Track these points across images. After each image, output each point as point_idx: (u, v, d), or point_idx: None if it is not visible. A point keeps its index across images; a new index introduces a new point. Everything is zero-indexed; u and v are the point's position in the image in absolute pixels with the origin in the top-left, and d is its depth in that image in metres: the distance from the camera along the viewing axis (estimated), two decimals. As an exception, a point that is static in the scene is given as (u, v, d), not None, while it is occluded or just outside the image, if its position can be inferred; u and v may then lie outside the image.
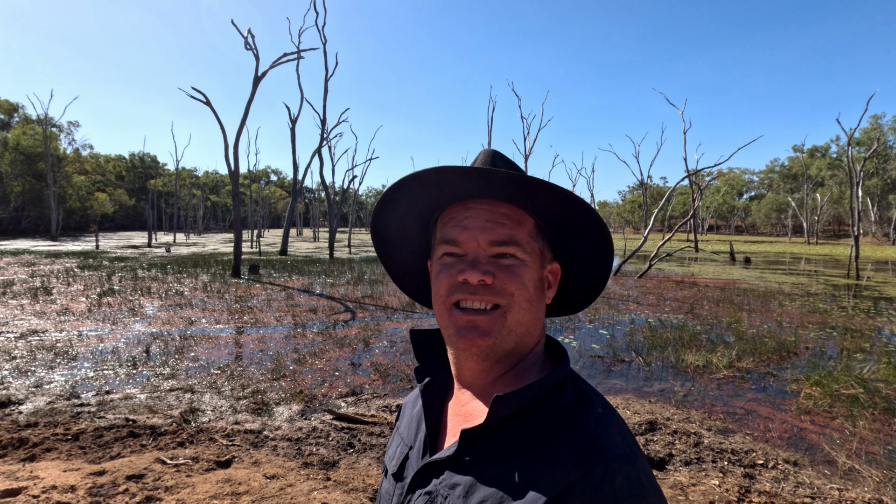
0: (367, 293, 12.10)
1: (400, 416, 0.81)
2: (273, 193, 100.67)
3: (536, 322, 0.64)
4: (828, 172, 69.51)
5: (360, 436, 3.84)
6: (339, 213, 28.90)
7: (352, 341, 7.13)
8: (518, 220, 0.63)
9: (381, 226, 0.74)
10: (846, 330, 8.40)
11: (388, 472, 0.73)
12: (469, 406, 0.65)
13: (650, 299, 11.82)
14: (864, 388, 5.11)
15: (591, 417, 0.55)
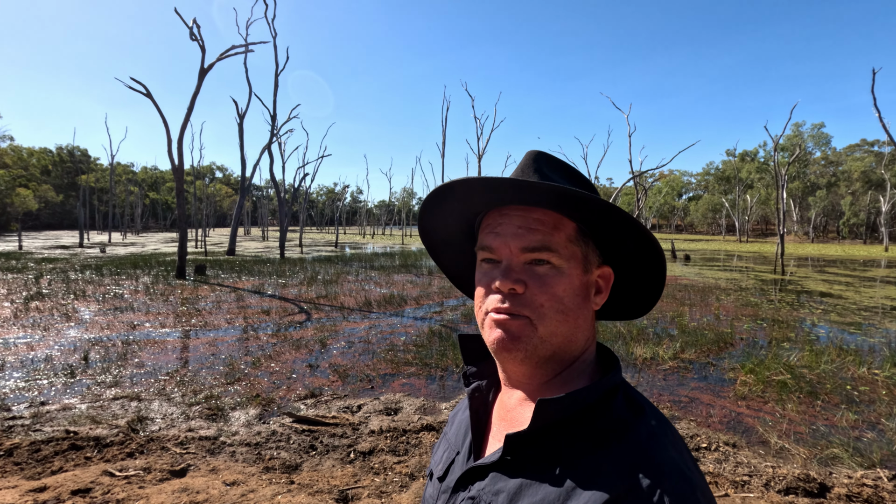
0: (321, 293, 11.88)
1: (449, 421, 0.80)
2: (219, 191, 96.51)
3: (577, 331, 0.61)
4: (756, 175, 74.84)
5: (322, 437, 3.79)
6: (289, 212, 28.12)
7: (308, 342, 6.99)
8: (554, 225, 0.60)
9: (425, 232, 0.76)
10: (774, 321, 9.11)
11: (433, 476, 0.73)
12: (515, 411, 0.65)
13: (600, 296, 12.32)
14: (791, 374, 5.57)
15: (644, 429, 0.53)
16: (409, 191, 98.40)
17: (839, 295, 13.26)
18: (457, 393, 5.00)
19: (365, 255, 26.62)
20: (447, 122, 32.80)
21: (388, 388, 5.14)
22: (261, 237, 57.97)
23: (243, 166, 26.64)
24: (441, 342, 7.01)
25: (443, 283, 14.12)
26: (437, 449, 0.78)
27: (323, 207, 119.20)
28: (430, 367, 5.85)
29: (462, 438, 0.70)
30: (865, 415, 4.54)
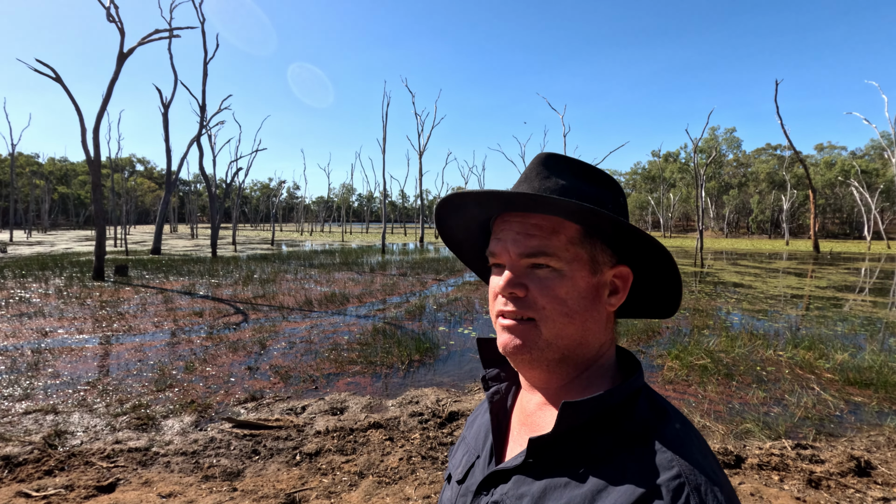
0: (258, 293, 11.41)
1: (468, 424, 0.80)
2: (140, 185, 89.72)
3: (587, 333, 0.61)
4: (678, 175, 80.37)
5: (265, 441, 3.66)
6: (221, 208, 26.69)
7: (246, 344, 6.71)
8: (552, 230, 0.60)
9: (446, 238, 0.77)
10: (695, 310, 9.87)
11: (451, 480, 0.72)
12: (535, 415, 0.64)
13: (539, 290, 12.75)
14: (710, 358, 6.08)
15: (668, 432, 0.53)
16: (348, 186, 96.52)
17: (749, 285, 14.59)
18: (402, 390, 5.00)
19: (303, 253, 25.85)
20: (388, 118, 32.47)
21: (332, 387, 5.06)
22: (189, 235, 54.61)
23: (168, 159, 24.96)
24: (385, 340, 6.97)
25: (385, 281, 14.02)
26: (454, 452, 0.77)
27: (257, 203, 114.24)
28: (376, 366, 5.81)
29: (482, 442, 0.69)
30: (772, 392, 5.04)
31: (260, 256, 23.08)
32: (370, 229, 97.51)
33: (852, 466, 3.32)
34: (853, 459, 3.40)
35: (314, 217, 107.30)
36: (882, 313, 9.98)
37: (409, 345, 6.57)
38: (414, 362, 6.00)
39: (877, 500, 2.96)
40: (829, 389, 5.10)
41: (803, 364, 5.97)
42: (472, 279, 14.89)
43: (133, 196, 67.33)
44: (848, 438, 3.95)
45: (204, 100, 24.02)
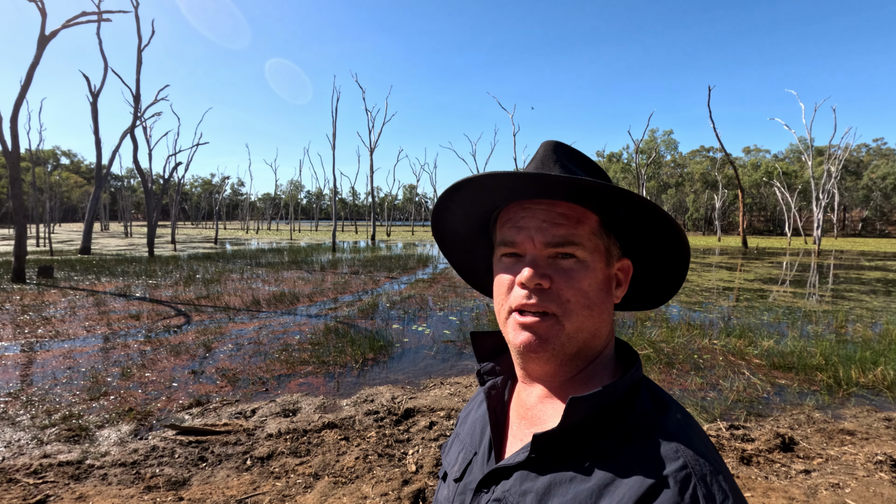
0: (201, 294, 10.88)
1: (460, 420, 0.78)
2: (66, 180, 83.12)
3: (601, 325, 0.60)
4: (621, 175, 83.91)
5: (212, 447, 3.51)
6: (159, 205, 25.22)
7: (189, 347, 6.38)
8: (578, 219, 0.59)
9: (438, 228, 0.74)
10: (638, 303, 10.36)
11: (447, 478, 0.70)
12: (536, 409, 0.63)
13: (491, 286, 12.94)
14: (653, 348, 6.41)
15: (671, 423, 0.53)
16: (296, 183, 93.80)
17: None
18: (357, 389, 4.94)
19: (249, 252, 24.90)
20: (337, 114, 31.82)
21: (284, 389, 4.91)
22: (123, 233, 51.25)
23: (98, 152, 23.29)
24: (338, 339, 6.85)
25: (337, 279, 13.77)
26: (448, 449, 0.76)
27: (198, 200, 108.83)
28: (329, 365, 5.70)
29: (479, 438, 0.68)
30: (709, 378, 5.39)
31: (202, 255, 22.01)
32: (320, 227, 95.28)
33: (778, 443, 3.61)
34: (779, 437, 3.69)
35: (260, 215, 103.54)
36: (801, 303, 10.89)
37: (363, 343, 6.50)
38: (368, 361, 5.93)
39: (799, 472, 3.23)
40: (757, 374, 5.51)
41: (735, 351, 6.41)
42: (424, 277, 14.90)
43: (58, 192, 62.24)
44: (774, 418, 4.29)
45: (138, 89, 22.57)
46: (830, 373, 5.37)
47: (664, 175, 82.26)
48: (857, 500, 2.89)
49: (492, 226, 0.68)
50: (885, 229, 72.68)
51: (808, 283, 14.91)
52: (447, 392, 4.75)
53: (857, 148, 71.66)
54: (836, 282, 15.25)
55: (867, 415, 4.38)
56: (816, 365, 5.62)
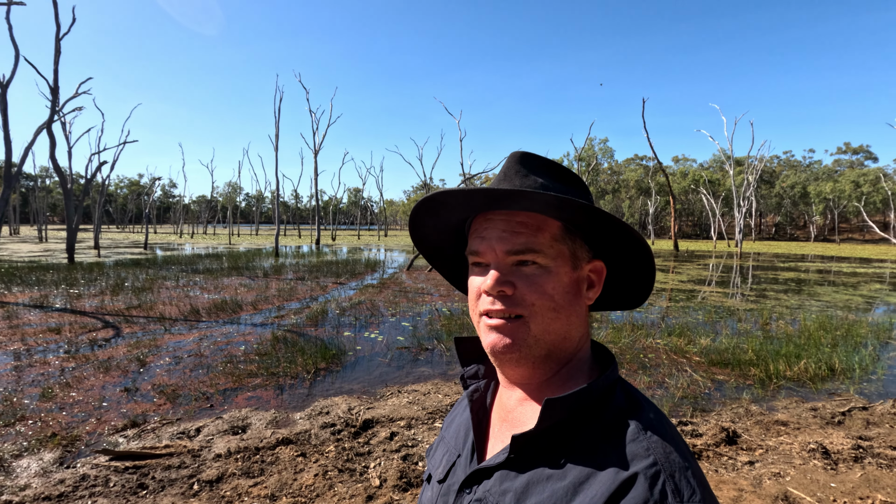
0: (132, 303, 10.09)
1: (445, 424, 0.81)
2: (-34, 178, 74.90)
3: (571, 328, 0.62)
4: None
5: (153, 473, 3.21)
6: (80, 207, 23.21)
7: (121, 362, 5.87)
8: (537, 227, 0.61)
9: (419, 241, 0.77)
10: (584, 305, 10.71)
11: (431, 480, 0.73)
12: (516, 411, 0.65)
13: (442, 290, 12.93)
14: (602, 349, 6.62)
15: (644, 422, 0.55)
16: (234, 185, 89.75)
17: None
18: (310, 401, 4.73)
19: (185, 257, 23.45)
20: (280, 114, 30.73)
21: (231, 404, 4.62)
22: (37, 237, 46.74)
23: (8, 149, 21.04)
24: (287, 348, 6.56)
25: (282, 286, 13.24)
26: (433, 452, 0.78)
27: (125, 202, 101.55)
28: (279, 377, 5.43)
29: (462, 440, 0.70)
30: (655, 376, 5.64)
31: (131, 262, 20.45)
32: (260, 231, 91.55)
33: (723, 437, 3.82)
34: (723, 430, 3.91)
35: (195, 218, 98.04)
36: (729, 302, 11.70)
37: (314, 352, 6.25)
38: (320, 370, 5.71)
39: (745, 464, 3.43)
40: (698, 371, 5.83)
41: (676, 350, 6.76)
42: (373, 282, 14.66)
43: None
44: (717, 412, 4.54)
45: (56, 81, 20.68)
46: (762, 368, 5.78)
47: (601, 182, 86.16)
48: (797, 488, 3.09)
49: (466, 233, 0.71)
50: (794, 233, 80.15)
51: (733, 284, 16.07)
52: (405, 401, 4.65)
53: (770, 159, 78.62)
54: (757, 282, 16.55)
55: (796, 406, 4.73)
56: (749, 360, 6.03)
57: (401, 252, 32.15)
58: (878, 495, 2.99)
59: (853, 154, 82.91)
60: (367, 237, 62.32)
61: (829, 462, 3.44)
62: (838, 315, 9.75)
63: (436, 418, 4.17)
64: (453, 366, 6.00)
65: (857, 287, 15.42)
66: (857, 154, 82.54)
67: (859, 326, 8.36)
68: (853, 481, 3.18)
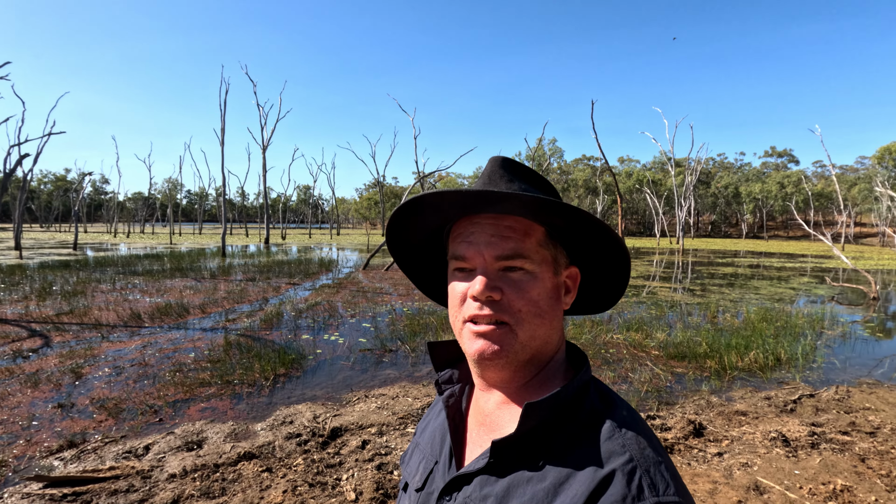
0: (62, 309, 9.23)
1: (418, 430, 0.80)
2: None
3: (552, 332, 0.63)
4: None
5: (97, 499, 2.88)
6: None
7: (52, 375, 5.31)
8: (525, 232, 0.61)
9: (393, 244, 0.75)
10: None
11: (408, 488, 0.72)
12: (494, 415, 0.64)
13: (401, 289, 12.73)
14: (565, 345, 6.69)
15: (618, 420, 0.56)
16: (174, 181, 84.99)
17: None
18: (271, 410, 4.46)
19: (121, 258, 21.87)
20: (226, 107, 29.28)
21: (182, 417, 4.26)
22: (-55, 238, 42.25)
23: (-90, 138, 18.84)
24: (242, 354, 6.19)
25: (232, 287, 12.58)
26: (408, 459, 0.77)
27: (49, 199, 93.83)
28: (235, 385, 5.09)
29: (439, 446, 0.70)
30: (619, 371, 5.74)
31: (59, 264, 18.81)
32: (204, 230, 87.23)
33: (691, 430, 3.91)
34: (690, 423, 4.00)
35: (131, 216, 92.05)
36: (678, 297, 12.23)
37: (272, 357, 5.93)
38: (280, 377, 5.41)
39: (714, 456, 3.52)
40: (658, 364, 6.00)
41: (636, 344, 6.94)
42: (329, 282, 14.24)
43: None
44: (681, 405, 4.67)
45: (-32, 65, 18.71)
46: (716, 359, 6.02)
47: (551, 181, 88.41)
48: (765, 477, 3.19)
49: (445, 239, 0.70)
50: (728, 231, 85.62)
51: (678, 279, 16.85)
52: (374, 406, 4.47)
53: (706, 161, 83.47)
54: (700, 277, 17.45)
55: (751, 395, 4.95)
56: (704, 353, 6.27)
57: (354, 250, 31.53)
58: (838, 480, 3.14)
59: (778, 157, 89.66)
60: (319, 236, 60.70)
61: (790, 450, 3.59)
62: (776, 307, 10.41)
63: (408, 423, 4.03)
64: (419, 367, 5.87)
65: (788, 280, 16.59)
66: (782, 157, 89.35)
67: (796, 318, 8.95)
68: (814, 467, 3.33)
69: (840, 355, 6.77)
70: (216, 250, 27.27)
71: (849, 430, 4.02)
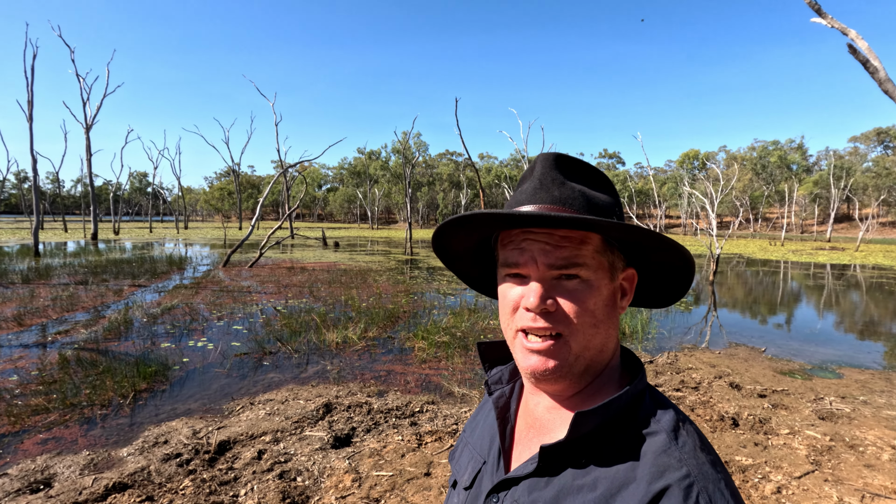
0: None
1: (468, 427, 0.79)
2: None
3: (608, 340, 0.62)
4: (381, 172, 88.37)
5: None
6: None
7: None
8: (581, 240, 0.59)
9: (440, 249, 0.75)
10: (421, 294, 11.15)
11: (457, 485, 0.71)
12: (544, 419, 0.64)
13: (270, 287, 11.95)
14: (448, 335, 6.99)
15: (675, 432, 0.55)
16: (-45, 164, 67.51)
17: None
18: (137, 431, 3.90)
19: None
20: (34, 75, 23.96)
21: (16, 454, 3.51)
22: None
23: None
24: (86, 371, 5.27)
25: (57, 293, 10.52)
26: (457, 455, 0.77)
27: None
28: (82, 408, 4.33)
29: (488, 447, 0.70)
30: (499, 355, 6.19)
31: None
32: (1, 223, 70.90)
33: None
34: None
35: None
36: (539, 283, 13.51)
37: (127, 371, 5.17)
38: (141, 393, 4.75)
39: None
40: (531, 345, 6.61)
41: (510, 328, 7.53)
42: (185, 282, 12.74)
43: None
44: (554, 380, 5.23)
45: None
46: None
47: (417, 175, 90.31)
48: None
49: (493, 243, 0.70)
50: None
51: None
52: (263, 413, 4.19)
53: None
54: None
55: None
56: (567, 332, 7.08)
57: (208, 246, 28.55)
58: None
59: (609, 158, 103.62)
60: (163, 230, 53.39)
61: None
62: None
63: (303, 427, 3.87)
64: (305, 368, 5.63)
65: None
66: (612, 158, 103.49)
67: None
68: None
69: (666, 327, 8.19)
70: (24, 248, 22.46)
71: (680, 386, 4.93)
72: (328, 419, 4.00)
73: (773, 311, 10.46)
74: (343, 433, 3.73)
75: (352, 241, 36.41)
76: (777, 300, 11.99)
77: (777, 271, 19.55)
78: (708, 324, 8.67)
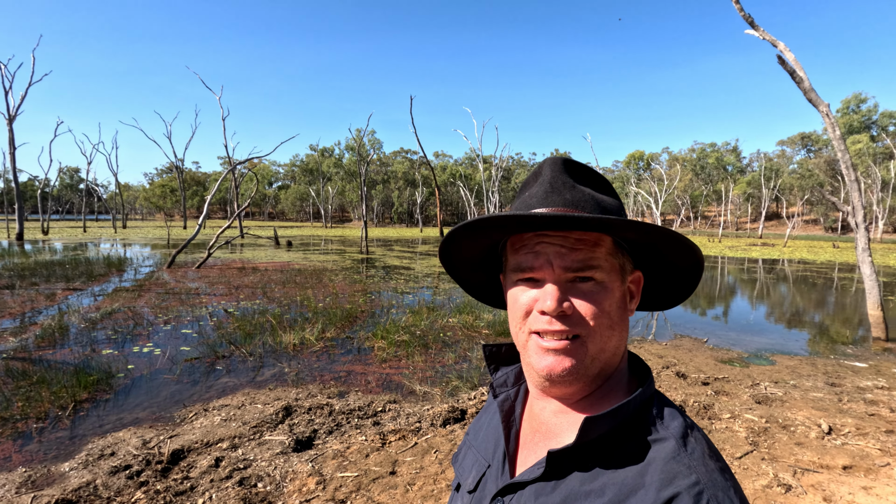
0: None
1: (472, 430, 0.78)
2: None
3: (621, 343, 0.62)
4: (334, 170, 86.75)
5: None
6: None
7: None
8: (594, 242, 0.60)
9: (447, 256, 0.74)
10: (378, 293, 11.06)
11: (460, 488, 0.71)
12: (550, 423, 0.63)
13: (220, 289, 11.49)
14: (407, 333, 6.99)
15: (683, 439, 0.54)
16: None
17: (408, 266, 17.33)
18: (80, 444, 3.66)
19: None
20: (-55, 60, 21.79)
21: (-61, 474, 3.22)
22: None
23: None
24: (17, 381, 4.89)
25: (-23, 298, 9.66)
26: (461, 458, 0.76)
27: None
28: (14, 422, 4.02)
29: (492, 450, 0.69)
30: (458, 352, 6.26)
31: None
32: None
33: (526, 395, 4.54)
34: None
35: None
36: (495, 280, 13.72)
37: (66, 381, 4.84)
38: (82, 403, 4.46)
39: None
40: (489, 342, 6.71)
41: (468, 326, 7.63)
42: (126, 284, 12.03)
43: None
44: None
45: None
46: (534, 333, 7.02)
47: (372, 173, 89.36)
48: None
49: (500, 249, 0.70)
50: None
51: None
52: (218, 419, 4.04)
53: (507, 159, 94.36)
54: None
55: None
56: (524, 328, 7.24)
57: (146, 246, 27.03)
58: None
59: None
60: (98, 229, 49.96)
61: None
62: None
63: (262, 432, 3.77)
64: (261, 371, 5.47)
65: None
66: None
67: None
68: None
69: (617, 320, 8.52)
70: (-62, 250, 20.42)
71: (631, 377, 5.16)
72: (288, 422, 3.92)
73: (713, 304, 11.15)
74: (304, 436, 3.67)
75: (305, 239, 35.51)
76: (716, 294, 12.78)
77: (716, 266, 20.82)
78: (654, 317, 9.11)
